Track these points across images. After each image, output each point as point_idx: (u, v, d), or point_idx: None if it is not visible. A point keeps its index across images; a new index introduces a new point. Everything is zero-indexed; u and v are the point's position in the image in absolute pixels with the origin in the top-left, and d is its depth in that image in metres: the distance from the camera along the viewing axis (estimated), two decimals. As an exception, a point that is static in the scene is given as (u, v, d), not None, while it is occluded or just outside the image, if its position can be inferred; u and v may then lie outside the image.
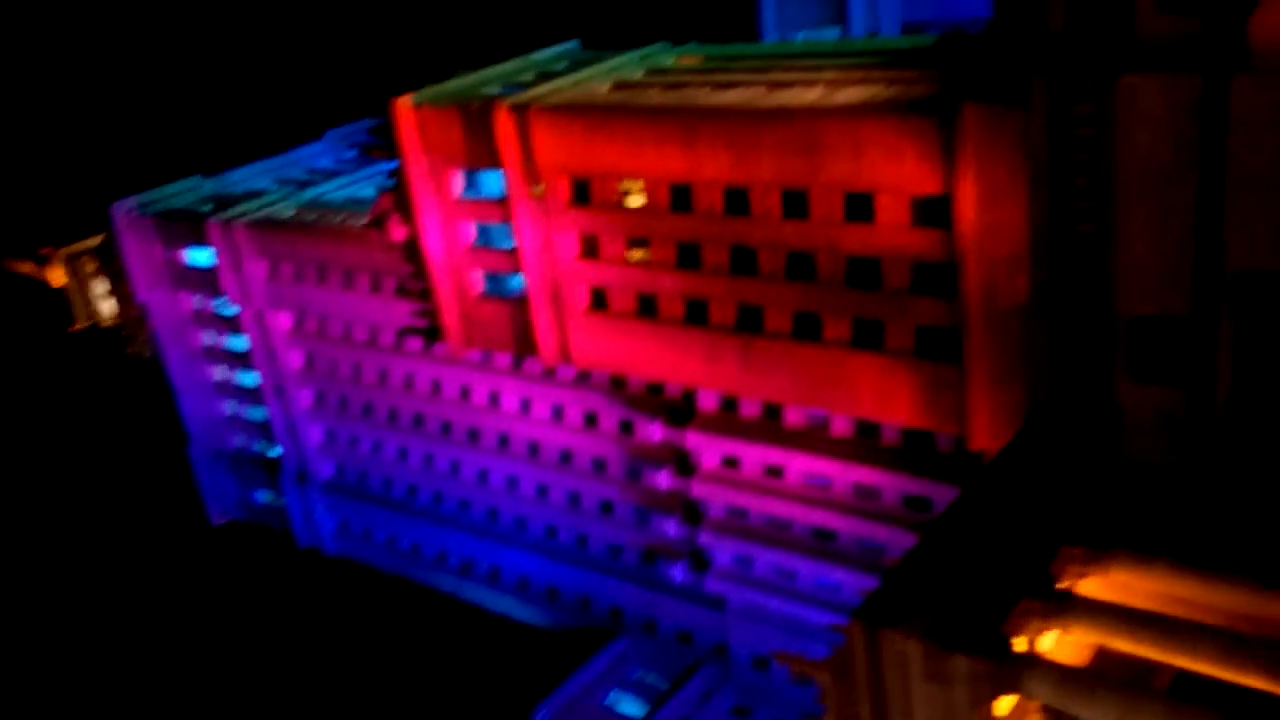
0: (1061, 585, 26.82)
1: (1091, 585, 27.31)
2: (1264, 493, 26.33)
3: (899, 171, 34.18)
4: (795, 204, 37.88)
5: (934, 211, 34.34)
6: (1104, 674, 25.94)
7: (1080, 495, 28.17)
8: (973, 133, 31.33)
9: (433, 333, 50.82)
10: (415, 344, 56.10)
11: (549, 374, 51.77)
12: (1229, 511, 25.77)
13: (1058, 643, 26.94)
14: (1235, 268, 25.60)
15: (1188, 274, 26.98)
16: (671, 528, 50.01)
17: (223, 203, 63.66)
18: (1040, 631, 26.66)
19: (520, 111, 42.58)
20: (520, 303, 46.95)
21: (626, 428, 50.26)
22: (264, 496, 72.69)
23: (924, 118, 32.89)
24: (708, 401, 45.94)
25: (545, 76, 48.00)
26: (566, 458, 53.64)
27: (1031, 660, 26.00)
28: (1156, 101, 25.93)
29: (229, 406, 70.98)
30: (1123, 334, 28.47)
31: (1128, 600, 26.70)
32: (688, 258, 41.63)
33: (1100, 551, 27.37)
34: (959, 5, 62.10)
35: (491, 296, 48.57)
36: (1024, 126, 28.46)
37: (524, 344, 47.71)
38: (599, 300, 45.26)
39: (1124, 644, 25.99)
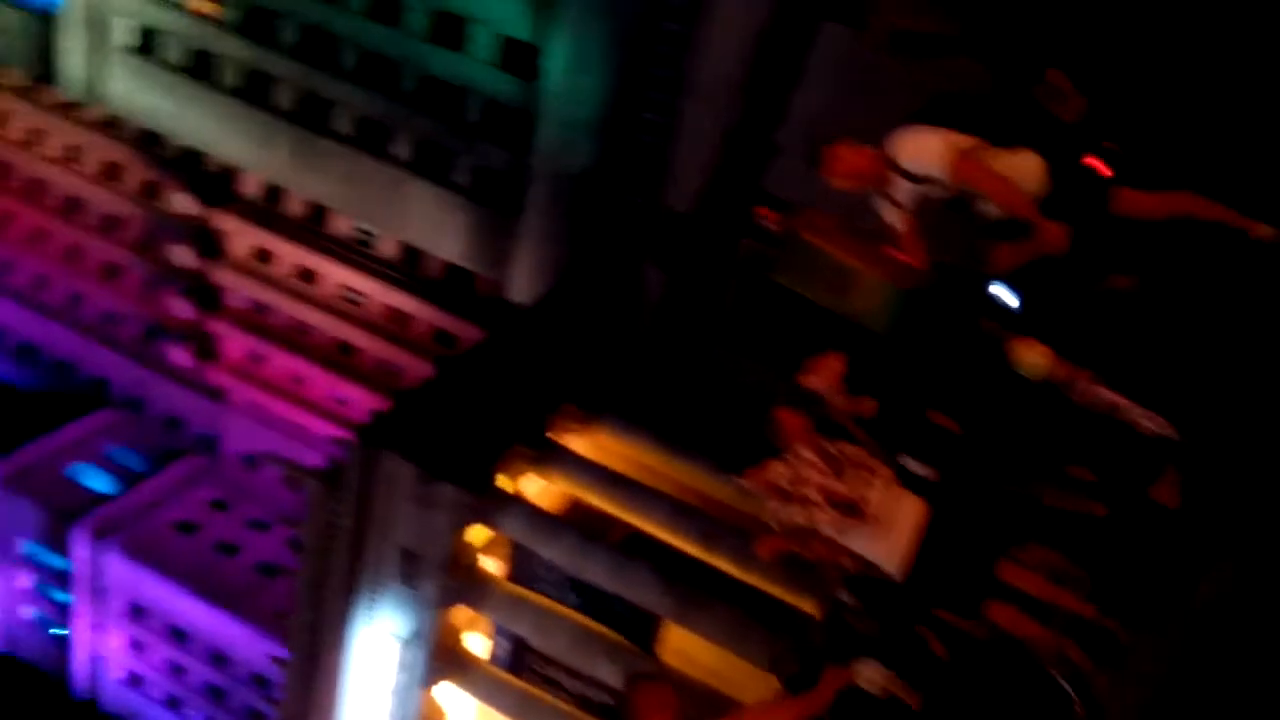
0: (552, 437, 28.91)
1: (578, 442, 29.76)
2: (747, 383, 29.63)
3: (495, 4, 33.51)
4: (387, 4, 35.95)
5: (523, 58, 34.09)
6: (570, 522, 28.62)
7: (592, 359, 30.17)
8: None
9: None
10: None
11: (69, 108, 45.57)
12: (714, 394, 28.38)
13: (538, 489, 29.20)
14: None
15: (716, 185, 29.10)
16: (182, 308, 46.82)
17: None
18: (524, 475, 28.69)
19: None
20: (45, 20, 40.60)
21: (152, 191, 45.82)
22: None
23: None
24: (250, 186, 43.07)
25: None
26: (74, 205, 47.94)
27: (510, 499, 27.99)
28: (743, 16, 27.40)
29: None
30: (660, 222, 30.55)
31: (604, 460, 29.46)
32: (258, 26, 38.03)
33: (593, 413, 29.76)
34: None
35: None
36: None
37: (43, 65, 41.48)
38: (148, 42, 40.36)
39: (592, 497, 28.78)
